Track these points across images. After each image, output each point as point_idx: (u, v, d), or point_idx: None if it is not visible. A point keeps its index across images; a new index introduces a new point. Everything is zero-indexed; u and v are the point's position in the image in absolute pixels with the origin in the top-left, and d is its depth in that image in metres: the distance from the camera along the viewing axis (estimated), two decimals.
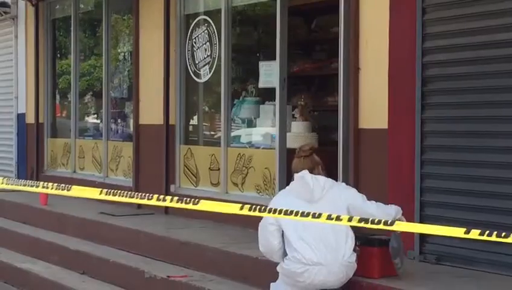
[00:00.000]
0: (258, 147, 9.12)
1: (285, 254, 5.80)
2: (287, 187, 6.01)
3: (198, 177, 9.68)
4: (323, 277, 5.63)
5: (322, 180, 5.80)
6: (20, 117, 13.66)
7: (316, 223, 5.35)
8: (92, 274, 8.33)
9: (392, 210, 5.84)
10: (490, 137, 6.28)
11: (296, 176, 5.86)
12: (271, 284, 6.06)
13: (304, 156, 5.92)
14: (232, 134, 9.38)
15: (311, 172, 5.83)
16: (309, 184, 5.71)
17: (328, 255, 5.62)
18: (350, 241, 5.70)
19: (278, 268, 5.87)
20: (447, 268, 6.40)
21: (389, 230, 3.73)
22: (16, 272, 8.99)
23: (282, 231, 5.74)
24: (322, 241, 5.64)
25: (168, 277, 7.31)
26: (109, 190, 3.65)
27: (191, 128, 10.20)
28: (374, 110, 7.19)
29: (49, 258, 9.12)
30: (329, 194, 5.75)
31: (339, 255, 5.65)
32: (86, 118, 12.87)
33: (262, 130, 9.19)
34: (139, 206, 10.06)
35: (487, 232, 2.93)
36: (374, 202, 5.90)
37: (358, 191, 6.07)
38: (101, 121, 11.88)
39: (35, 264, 9.06)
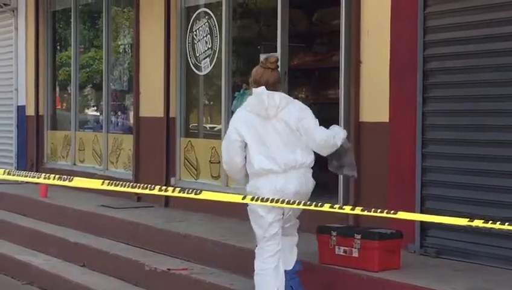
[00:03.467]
0: None
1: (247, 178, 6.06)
2: (245, 102, 6.10)
3: (198, 170, 9.67)
4: (281, 185, 5.84)
5: (278, 98, 5.91)
6: (20, 109, 13.65)
7: (272, 138, 5.87)
8: (92, 267, 8.33)
9: (337, 140, 5.95)
10: (492, 131, 6.27)
11: (254, 91, 5.96)
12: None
13: (272, 69, 6.00)
14: None
15: (274, 86, 5.94)
16: (264, 102, 5.87)
17: (282, 165, 5.85)
18: (299, 151, 5.88)
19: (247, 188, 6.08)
20: (447, 261, 6.40)
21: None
22: (16, 264, 8.99)
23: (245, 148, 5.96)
24: (277, 153, 5.87)
25: (169, 269, 7.31)
26: (111, 181, 3.64)
27: (191, 121, 10.19)
28: (375, 103, 7.18)
29: (49, 251, 9.12)
30: (283, 112, 5.90)
31: (290, 163, 5.86)
32: (86, 110, 12.85)
33: None
34: (139, 199, 10.06)
35: (490, 221, 2.93)
36: (325, 129, 5.96)
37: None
38: (101, 114, 11.86)
39: (35, 256, 9.06)
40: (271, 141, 5.90)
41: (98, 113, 12.28)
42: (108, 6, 11.52)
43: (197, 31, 9.67)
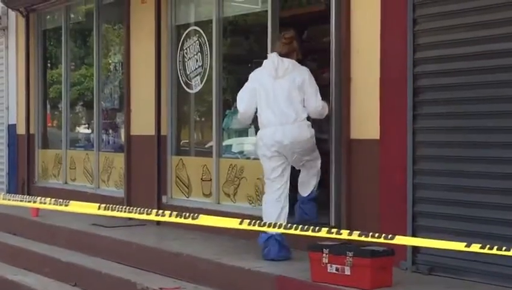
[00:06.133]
0: (250, 158, 9.11)
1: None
2: (262, 64, 7.39)
3: (190, 188, 9.67)
4: (279, 136, 7.12)
5: (287, 62, 7.25)
6: (11, 128, 13.63)
7: (277, 94, 7.15)
8: (83, 286, 8.30)
9: (324, 111, 7.35)
10: (483, 147, 6.29)
11: (268, 55, 7.48)
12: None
13: (284, 43, 7.36)
14: (224, 144, 9.37)
15: (286, 56, 7.28)
16: (274, 63, 7.23)
17: (282, 119, 7.14)
18: (298, 108, 7.16)
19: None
20: (439, 279, 6.40)
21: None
22: (7, 284, 8.94)
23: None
24: (279, 108, 7.15)
25: (161, 288, 7.29)
26: (107, 205, 3.63)
27: (182, 139, 10.19)
28: (366, 120, 7.19)
29: (40, 270, 9.09)
30: (291, 74, 7.21)
31: (288, 118, 7.15)
32: (77, 129, 12.85)
33: (254, 140, 9.17)
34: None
35: (488, 246, 2.94)
36: (320, 99, 7.27)
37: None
38: (92, 132, 11.86)
39: (26, 276, 9.02)
40: (276, 97, 7.15)
41: (89, 131, 12.27)
42: (99, 24, 11.54)
43: (188, 49, 9.69)
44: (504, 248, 2.77)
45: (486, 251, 2.79)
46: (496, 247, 2.79)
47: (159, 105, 9.90)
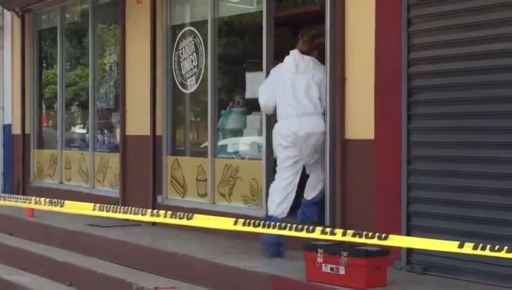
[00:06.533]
0: (245, 158, 9.13)
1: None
2: (284, 60, 7.68)
3: (185, 188, 9.68)
4: (295, 128, 7.37)
5: (307, 59, 7.55)
6: (6, 128, 13.62)
7: (296, 89, 7.44)
8: (79, 286, 8.31)
9: None
10: (476, 148, 6.31)
11: (290, 52, 7.67)
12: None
13: (305, 41, 7.69)
14: (219, 144, 9.38)
15: (306, 53, 7.58)
16: (295, 59, 7.53)
17: (299, 111, 7.41)
18: (314, 102, 7.46)
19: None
20: (434, 278, 6.42)
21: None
22: (3, 284, 8.95)
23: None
24: (297, 101, 7.43)
25: (156, 288, 7.29)
26: (102, 205, 3.64)
27: (177, 139, 10.20)
28: (360, 120, 7.21)
29: (36, 270, 9.09)
30: (310, 72, 7.51)
31: (305, 110, 7.43)
32: (73, 129, 12.85)
33: (249, 140, 9.20)
34: None
35: (480, 245, 2.95)
36: None
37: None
38: (88, 132, 11.86)
39: (22, 276, 9.03)
40: (295, 91, 7.43)
41: (85, 131, 12.27)
42: (95, 24, 11.55)
43: (183, 49, 9.70)
44: (497, 248, 2.78)
45: (478, 251, 2.80)
46: (488, 247, 2.80)
47: (154, 105, 9.91)
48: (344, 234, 3.37)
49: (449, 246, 3.03)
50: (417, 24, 6.70)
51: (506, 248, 2.82)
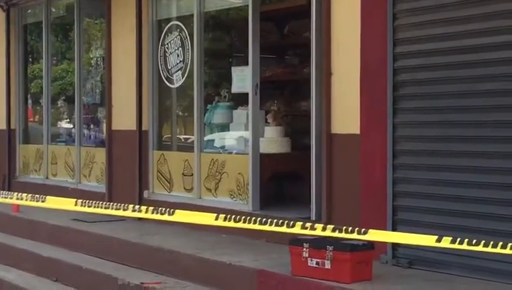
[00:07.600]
0: (231, 152, 9.12)
1: None
2: None
3: (171, 182, 9.66)
4: None
5: None
6: None
7: None
8: (64, 281, 8.29)
9: None
10: (461, 142, 6.32)
11: None
12: None
13: None
14: (205, 139, 9.37)
15: None
16: None
17: None
18: None
19: None
20: (419, 272, 6.43)
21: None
22: None
23: None
24: None
25: (142, 283, 7.28)
26: (84, 201, 3.63)
27: (164, 133, 10.18)
28: (346, 115, 7.21)
29: (22, 266, 9.06)
30: None
31: None
32: (59, 123, 12.79)
33: (235, 135, 9.19)
34: None
35: (458, 239, 2.95)
36: None
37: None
38: (74, 127, 11.82)
39: (8, 272, 9.00)
40: None
41: (71, 126, 12.23)
42: (80, 18, 11.49)
43: (169, 44, 9.67)
44: (474, 241, 2.78)
45: (456, 245, 2.80)
46: (466, 241, 2.80)
47: (140, 100, 9.88)
48: (324, 229, 3.37)
49: (427, 240, 3.03)
50: (402, 18, 6.70)
51: (483, 242, 2.82)
